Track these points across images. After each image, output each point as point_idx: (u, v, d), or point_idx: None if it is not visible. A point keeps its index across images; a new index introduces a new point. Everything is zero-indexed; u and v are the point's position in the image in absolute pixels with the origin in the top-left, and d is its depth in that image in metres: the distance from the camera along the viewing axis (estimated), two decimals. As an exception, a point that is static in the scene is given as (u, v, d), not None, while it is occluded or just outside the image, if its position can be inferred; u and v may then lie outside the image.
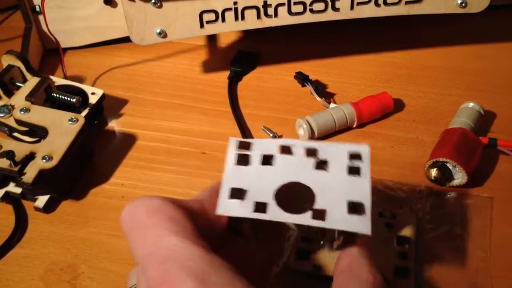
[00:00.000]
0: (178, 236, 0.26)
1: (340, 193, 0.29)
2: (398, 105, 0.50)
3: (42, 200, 0.42)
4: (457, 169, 0.41)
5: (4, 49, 0.49)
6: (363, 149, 0.31)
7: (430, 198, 0.41)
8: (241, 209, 0.29)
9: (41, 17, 0.55)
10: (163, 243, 0.25)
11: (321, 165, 0.31)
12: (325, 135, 0.47)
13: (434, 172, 0.41)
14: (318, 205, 0.29)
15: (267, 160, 0.31)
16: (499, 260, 0.37)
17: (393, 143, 0.47)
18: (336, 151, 0.31)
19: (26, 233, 0.41)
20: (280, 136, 0.48)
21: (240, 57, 0.56)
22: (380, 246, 0.37)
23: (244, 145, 0.32)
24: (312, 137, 0.46)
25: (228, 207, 0.29)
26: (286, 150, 0.31)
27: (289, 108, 0.51)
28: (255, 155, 0.31)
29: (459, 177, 0.41)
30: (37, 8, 0.55)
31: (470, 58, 0.56)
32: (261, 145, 0.32)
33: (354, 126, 0.48)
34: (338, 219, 0.28)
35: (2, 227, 0.41)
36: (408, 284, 0.35)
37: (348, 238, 0.30)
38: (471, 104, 0.46)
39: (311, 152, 0.31)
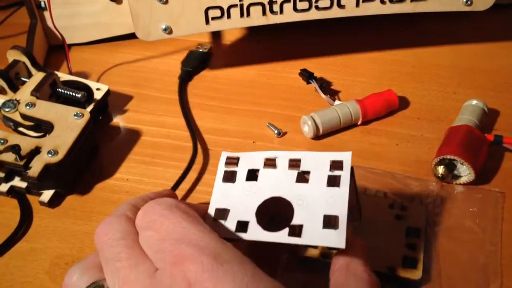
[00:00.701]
0: (190, 223, 0.28)
1: (318, 207, 0.29)
2: (403, 102, 0.50)
3: (47, 194, 0.42)
4: (465, 166, 0.41)
5: (9, 44, 0.49)
6: (345, 156, 0.30)
7: (441, 192, 0.41)
8: (224, 230, 0.30)
9: (46, 13, 0.55)
10: (177, 228, 0.27)
11: (303, 177, 0.31)
12: (330, 132, 0.47)
13: (441, 169, 0.41)
14: (295, 220, 0.29)
15: (252, 175, 0.32)
16: (509, 259, 0.37)
17: (398, 140, 0.47)
18: (318, 160, 0.31)
19: (31, 227, 0.41)
20: (285, 133, 0.48)
21: (191, 57, 0.56)
22: (390, 237, 0.38)
23: (232, 161, 0.32)
24: (317, 134, 0.46)
25: (212, 228, 0.30)
26: (270, 163, 0.31)
27: (294, 105, 0.51)
28: (241, 171, 0.32)
29: (467, 174, 0.41)
30: (42, 4, 0.55)
31: (476, 57, 0.56)
32: (248, 159, 0.32)
33: (359, 123, 0.48)
34: (314, 235, 0.28)
35: (7, 221, 0.41)
36: (416, 274, 0.35)
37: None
38: (474, 102, 0.46)
39: (294, 164, 0.31)
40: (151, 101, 0.52)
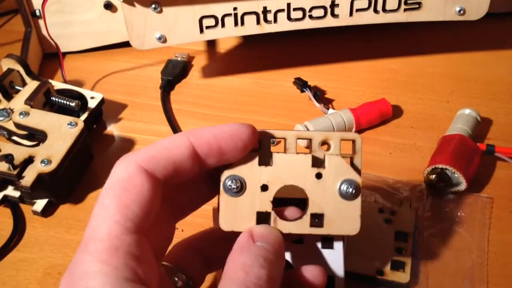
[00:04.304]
0: None
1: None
2: (397, 111, 0.51)
3: (40, 204, 0.42)
4: (456, 175, 0.41)
5: (4, 52, 0.49)
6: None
7: (431, 197, 0.42)
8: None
9: (41, 21, 0.55)
10: None
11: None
12: (324, 141, 0.47)
13: (433, 178, 0.41)
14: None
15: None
16: (496, 267, 0.37)
17: (391, 149, 0.47)
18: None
19: (24, 237, 0.41)
20: (278, 142, 0.48)
21: (171, 66, 0.56)
22: (379, 240, 0.38)
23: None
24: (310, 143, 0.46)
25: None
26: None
27: (288, 114, 0.51)
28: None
29: (459, 183, 0.42)
30: (37, 12, 0.55)
31: (469, 65, 0.56)
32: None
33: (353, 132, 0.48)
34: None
35: (0, 231, 0.41)
36: (404, 277, 0.36)
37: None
38: (467, 111, 0.46)
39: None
40: (145, 110, 0.52)
